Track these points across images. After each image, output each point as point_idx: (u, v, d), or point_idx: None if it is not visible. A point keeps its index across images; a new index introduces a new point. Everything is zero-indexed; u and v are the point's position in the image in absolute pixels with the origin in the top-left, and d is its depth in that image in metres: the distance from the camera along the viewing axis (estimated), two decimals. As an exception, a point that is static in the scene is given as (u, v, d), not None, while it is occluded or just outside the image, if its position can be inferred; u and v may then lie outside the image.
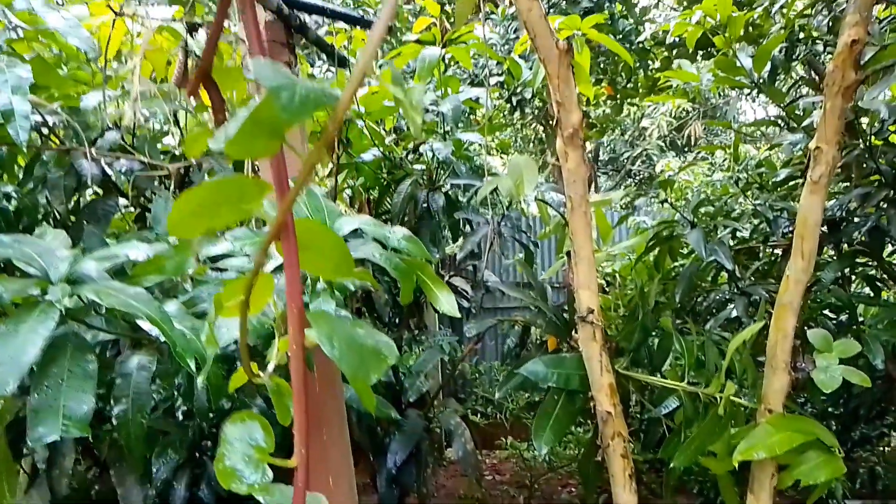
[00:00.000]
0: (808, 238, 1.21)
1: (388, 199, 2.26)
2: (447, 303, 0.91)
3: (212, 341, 0.81)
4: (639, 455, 3.62)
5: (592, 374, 1.39)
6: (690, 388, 1.41)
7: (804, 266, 1.22)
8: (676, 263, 2.67)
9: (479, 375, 4.37)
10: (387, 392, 1.96)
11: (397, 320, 2.40)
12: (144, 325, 0.90)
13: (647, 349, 1.77)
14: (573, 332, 1.55)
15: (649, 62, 4.36)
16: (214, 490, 1.46)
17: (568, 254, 1.38)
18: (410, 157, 2.24)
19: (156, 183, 1.49)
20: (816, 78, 2.26)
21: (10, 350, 0.77)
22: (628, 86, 4.31)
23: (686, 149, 7.79)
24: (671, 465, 1.32)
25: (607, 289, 3.53)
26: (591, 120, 4.78)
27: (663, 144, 7.53)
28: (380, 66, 2.51)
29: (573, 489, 4.68)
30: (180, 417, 1.38)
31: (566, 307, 1.62)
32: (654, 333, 1.66)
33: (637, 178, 8.38)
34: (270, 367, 0.56)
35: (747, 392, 1.48)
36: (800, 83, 2.66)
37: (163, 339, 0.83)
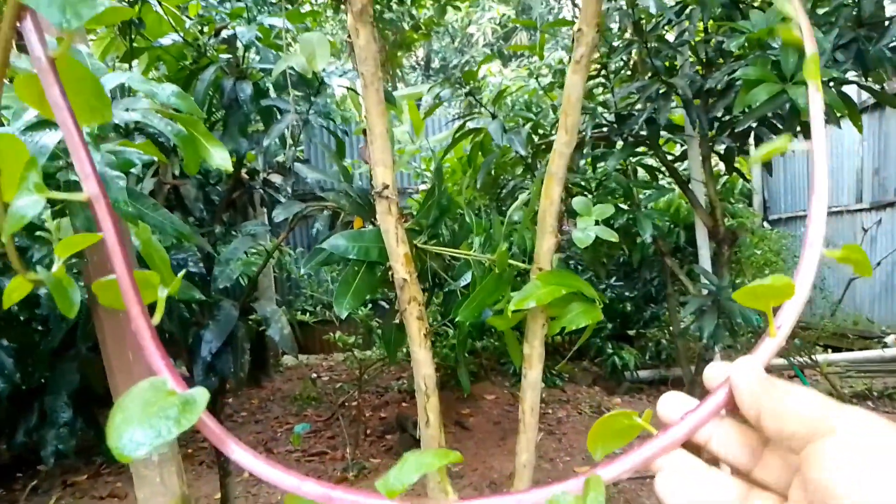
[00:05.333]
0: (571, 113, 1.36)
1: (194, 90, 2.17)
2: (219, 157, 0.93)
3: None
4: (452, 338, 3.91)
5: (389, 246, 1.49)
6: (478, 256, 1.55)
7: (567, 140, 1.37)
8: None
9: (308, 277, 4.42)
10: (199, 282, 1.95)
11: (210, 216, 2.37)
12: None
13: (451, 230, 1.91)
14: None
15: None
16: (9, 379, 1.41)
17: (364, 132, 1.44)
18: (215, 43, 2.14)
19: None
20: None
21: None
22: (450, -13, 4.35)
23: (512, 58, 8.03)
24: (457, 321, 1.47)
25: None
26: (416, 22, 4.79)
27: (490, 52, 7.72)
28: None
29: (405, 381, 4.97)
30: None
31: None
32: (452, 213, 1.78)
33: (468, 85, 8.52)
34: (57, 265, 0.55)
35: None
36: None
37: None
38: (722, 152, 2.65)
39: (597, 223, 1.42)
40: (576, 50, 1.37)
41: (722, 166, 2.77)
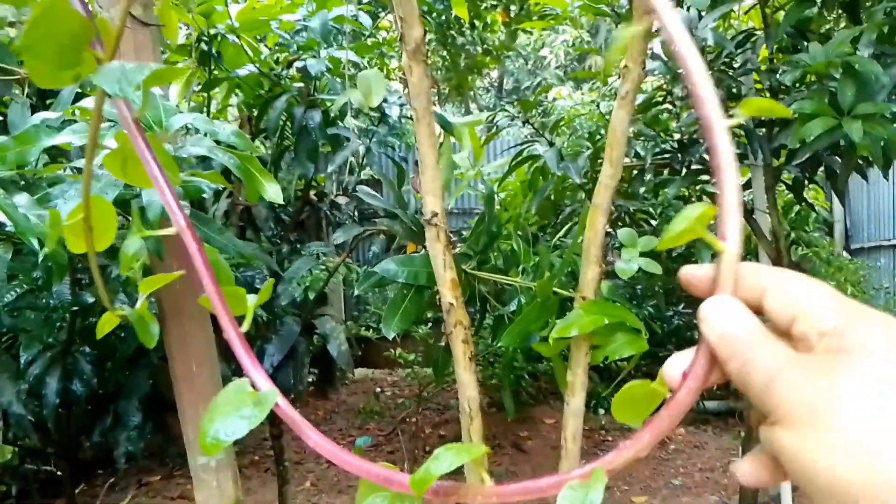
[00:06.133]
0: (616, 147, 1.38)
1: (268, 117, 2.30)
2: (272, 191, 1.02)
3: (56, 222, 0.89)
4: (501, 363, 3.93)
5: (437, 271, 1.54)
6: (525, 283, 1.59)
7: (612, 172, 1.39)
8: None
9: (372, 294, 4.54)
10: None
11: (280, 235, 2.50)
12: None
13: (504, 255, 1.96)
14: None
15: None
16: (88, 383, 1.55)
17: (416, 162, 1.51)
18: (290, 73, 2.28)
19: (13, 90, 1.51)
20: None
21: None
22: (521, 13, 4.42)
23: (584, 81, 8.01)
24: (501, 346, 1.51)
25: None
26: (487, 47, 4.88)
27: (562, 75, 7.73)
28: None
29: (465, 400, 5.00)
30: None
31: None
32: (504, 239, 1.83)
33: (540, 107, 8.55)
34: (140, 302, 0.63)
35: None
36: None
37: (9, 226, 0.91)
38: (791, 182, 2.59)
39: (642, 255, 1.43)
40: (622, 86, 1.40)
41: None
